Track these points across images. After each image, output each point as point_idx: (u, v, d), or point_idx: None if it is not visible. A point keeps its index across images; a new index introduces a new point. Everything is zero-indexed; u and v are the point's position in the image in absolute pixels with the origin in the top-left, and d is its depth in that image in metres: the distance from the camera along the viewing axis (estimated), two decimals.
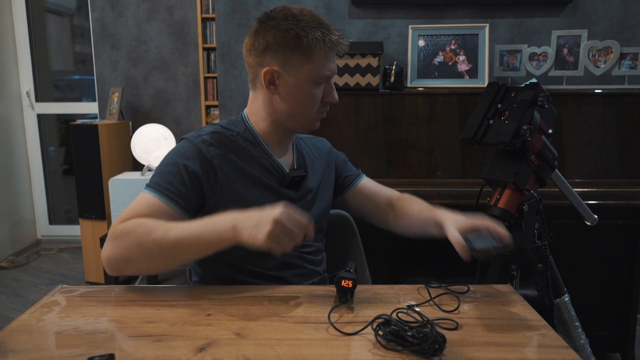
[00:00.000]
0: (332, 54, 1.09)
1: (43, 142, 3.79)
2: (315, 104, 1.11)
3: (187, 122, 3.30)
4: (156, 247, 0.93)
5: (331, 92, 1.12)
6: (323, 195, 1.25)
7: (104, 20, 3.23)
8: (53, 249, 3.73)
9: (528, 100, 1.16)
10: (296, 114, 1.11)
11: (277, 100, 1.10)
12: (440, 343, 0.76)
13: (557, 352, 0.79)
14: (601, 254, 1.99)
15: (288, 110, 1.11)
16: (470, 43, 2.23)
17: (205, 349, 0.78)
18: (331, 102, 1.13)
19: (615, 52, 2.16)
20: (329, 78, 1.11)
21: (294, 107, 1.10)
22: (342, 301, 0.95)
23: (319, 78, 1.08)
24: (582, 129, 2.05)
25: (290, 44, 1.05)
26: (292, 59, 1.06)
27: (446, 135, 2.09)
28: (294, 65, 1.06)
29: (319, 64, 1.07)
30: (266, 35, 1.06)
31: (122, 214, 1.01)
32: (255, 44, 1.08)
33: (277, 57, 1.06)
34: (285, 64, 1.07)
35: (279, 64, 1.07)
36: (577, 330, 1.31)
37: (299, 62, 1.06)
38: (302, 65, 1.06)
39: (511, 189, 1.19)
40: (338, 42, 1.07)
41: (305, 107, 1.10)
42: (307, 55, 1.05)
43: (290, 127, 1.14)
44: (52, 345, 0.81)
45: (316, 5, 2.40)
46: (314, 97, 1.10)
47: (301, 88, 1.08)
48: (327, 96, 1.12)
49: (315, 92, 1.09)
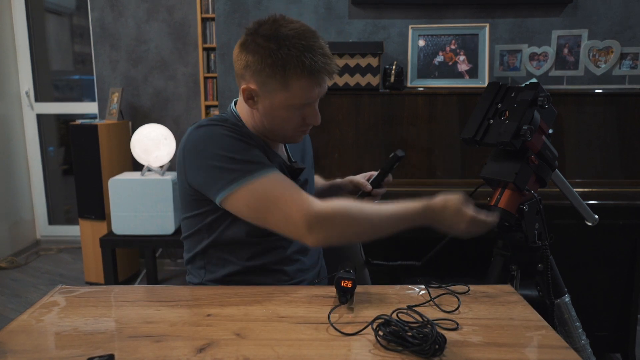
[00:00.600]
0: (316, 80, 1.03)
1: (42, 142, 3.78)
2: (292, 125, 1.09)
3: (187, 122, 3.30)
4: (368, 226, 1.04)
5: (313, 116, 1.10)
6: (312, 185, 1.30)
7: (103, 20, 3.22)
8: (52, 249, 3.72)
9: (528, 100, 1.16)
10: (274, 130, 1.11)
11: (256, 114, 1.10)
12: (440, 343, 0.76)
13: (557, 353, 0.79)
14: (602, 254, 1.99)
15: (267, 125, 1.10)
16: (471, 43, 2.23)
17: (205, 349, 0.78)
18: (313, 124, 1.12)
19: (615, 52, 2.16)
20: (308, 104, 1.07)
21: (271, 123, 1.09)
22: (342, 301, 0.94)
23: (296, 105, 1.06)
24: (583, 129, 2.05)
25: (267, 71, 1.01)
26: (269, 84, 1.03)
27: (446, 135, 2.09)
28: (270, 90, 1.04)
29: (296, 94, 1.03)
30: (247, 54, 1.04)
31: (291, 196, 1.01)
32: (240, 58, 1.06)
33: (255, 77, 1.04)
34: (263, 85, 1.04)
35: (257, 84, 1.04)
36: (578, 331, 1.30)
37: (275, 88, 1.03)
38: (278, 92, 1.04)
39: (511, 189, 1.19)
40: (322, 69, 1.02)
41: (282, 127, 1.10)
42: (284, 85, 1.02)
43: (272, 138, 1.14)
44: (52, 345, 0.81)
45: (316, 5, 2.40)
46: (292, 119, 1.08)
47: (277, 110, 1.06)
48: (308, 118, 1.10)
49: (291, 115, 1.07)
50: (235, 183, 1.00)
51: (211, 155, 1.02)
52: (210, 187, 1.03)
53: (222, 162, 1.01)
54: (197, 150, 1.04)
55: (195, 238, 1.14)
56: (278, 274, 1.14)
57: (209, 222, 1.10)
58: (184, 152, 1.08)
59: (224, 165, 1.01)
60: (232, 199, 1.01)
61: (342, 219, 1.01)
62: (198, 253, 1.15)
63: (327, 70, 1.03)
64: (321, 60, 1.01)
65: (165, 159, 2.58)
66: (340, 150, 2.11)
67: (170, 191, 2.46)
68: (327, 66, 1.03)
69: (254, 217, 1.03)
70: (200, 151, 1.04)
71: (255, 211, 1.01)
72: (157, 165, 2.58)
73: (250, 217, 1.03)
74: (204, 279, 1.15)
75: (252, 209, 1.01)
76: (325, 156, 2.10)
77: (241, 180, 1.00)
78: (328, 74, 1.05)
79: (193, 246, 1.16)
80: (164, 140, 2.58)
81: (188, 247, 1.18)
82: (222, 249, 1.12)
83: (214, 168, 1.02)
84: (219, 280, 1.13)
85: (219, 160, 1.01)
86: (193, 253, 1.16)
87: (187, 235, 1.17)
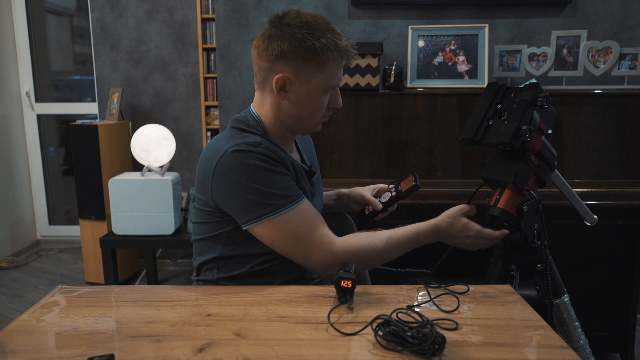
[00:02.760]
0: (342, 62, 1.12)
1: (43, 143, 3.79)
2: (322, 110, 1.16)
3: (187, 123, 3.30)
4: (380, 260, 1.14)
5: (337, 99, 1.17)
6: (320, 184, 1.34)
7: (103, 21, 3.22)
8: (53, 250, 3.73)
9: (528, 101, 1.16)
10: (303, 118, 1.15)
11: (285, 105, 1.13)
12: (440, 343, 0.77)
13: (556, 353, 0.79)
14: (601, 254, 1.99)
15: (295, 115, 1.14)
16: (470, 43, 2.23)
17: (205, 349, 0.78)
18: (336, 107, 1.18)
19: (614, 52, 2.16)
20: (337, 86, 1.16)
21: (301, 112, 1.14)
22: (341, 301, 0.95)
23: (328, 87, 1.13)
24: (582, 129, 2.05)
25: (305, 54, 1.08)
26: (306, 68, 1.09)
27: (446, 135, 2.09)
28: (306, 74, 1.09)
29: (329, 74, 1.11)
30: (282, 42, 1.08)
31: (314, 234, 1.08)
32: (269, 49, 1.09)
33: (291, 65, 1.09)
34: (298, 72, 1.09)
35: (291, 71, 1.09)
36: (577, 331, 1.31)
37: (311, 71, 1.09)
38: (315, 74, 1.10)
39: (511, 189, 1.19)
40: (347, 49, 1.10)
41: (312, 113, 1.15)
42: (320, 66, 1.09)
43: (296, 129, 1.19)
44: (52, 345, 0.81)
45: (316, 5, 2.40)
46: (322, 103, 1.14)
47: (311, 95, 1.12)
48: (332, 102, 1.17)
49: (323, 99, 1.14)
50: (264, 218, 1.05)
51: (243, 186, 1.05)
52: (238, 214, 1.08)
53: (253, 194, 1.05)
54: (228, 178, 1.07)
55: (212, 240, 1.16)
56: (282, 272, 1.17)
57: (229, 230, 1.13)
58: (213, 173, 1.08)
59: (254, 198, 1.05)
60: (258, 230, 1.08)
61: (358, 259, 1.08)
62: (213, 256, 1.16)
63: (351, 51, 1.11)
64: (347, 41, 1.11)
65: (165, 159, 2.58)
66: (340, 151, 2.11)
67: (170, 191, 2.46)
68: (350, 47, 1.11)
69: (277, 249, 1.09)
70: (231, 179, 1.06)
71: (279, 247, 1.09)
72: (157, 165, 2.58)
73: (273, 248, 1.10)
74: (216, 277, 1.17)
75: (276, 244, 1.08)
76: (325, 156, 2.11)
77: (269, 216, 1.05)
78: (352, 54, 1.12)
79: (208, 249, 1.17)
80: (164, 141, 2.58)
81: (201, 250, 1.19)
82: (239, 254, 1.15)
83: (243, 199, 1.06)
84: (232, 278, 1.15)
85: (249, 192, 1.05)
86: (207, 257, 1.17)
87: (202, 238, 1.18)
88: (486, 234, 1.14)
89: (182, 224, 2.60)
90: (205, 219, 1.15)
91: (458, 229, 1.14)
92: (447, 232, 1.14)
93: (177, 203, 2.53)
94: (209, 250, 1.16)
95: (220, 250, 1.15)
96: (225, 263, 1.15)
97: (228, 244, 1.14)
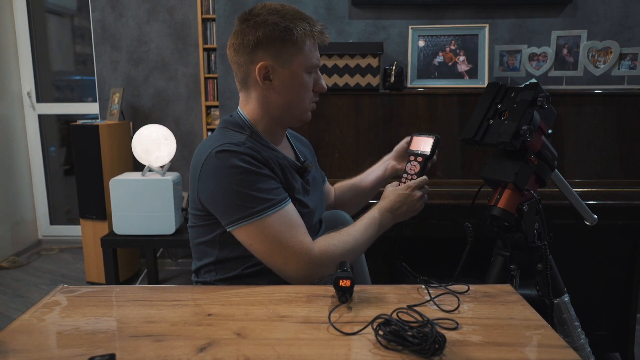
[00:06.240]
0: (316, 42, 1.14)
1: (44, 143, 3.79)
2: (309, 93, 1.16)
3: (188, 123, 3.30)
4: (352, 255, 1.14)
5: (320, 81, 1.18)
6: (319, 185, 1.33)
7: (104, 21, 3.23)
8: (54, 249, 3.73)
9: (528, 101, 1.16)
10: (291, 105, 1.15)
11: (272, 95, 1.14)
12: (440, 343, 0.77)
13: (557, 352, 0.79)
14: (601, 254, 1.99)
15: (283, 104, 1.14)
16: (470, 43, 2.23)
17: (205, 349, 0.78)
18: (321, 91, 1.19)
19: (614, 52, 2.16)
20: (317, 67, 1.16)
21: (288, 98, 1.14)
22: (341, 301, 0.95)
23: (310, 67, 1.13)
24: (582, 129, 2.05)
25: (281, 37, 1.09)
26: (284, 51, 1.10)
27: (446, 135, 2.09)
28: (286, 57, 1.10)
29: (308, 53, 1.12)
30: (256, 31, 1.09)
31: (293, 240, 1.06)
32: (245, 41, 1.10)
33: (269, 51, 1.10)
34: (277, 57, 1.10)
35: (271, 57, 1.10)
36: (577, 330, 1.31)
37: (290, 53, 1.10)
38: (294, 55, 1.11)
39: (511, 189, 1.19)
40: (322, 32, 1.13)
41: (300, 96, 1.15)
42: (298, 47, 1.10)
43: (286, 120, 1.18)
44: (53, 345, 0.82)
45: (316, 5, 2.40)
46: (307, 85, 1.15)
47: (295, 78, 1.12)
48: (316, 85, 1.17)
49: (307, 80, 1.15)
50: (244, 221, 1.05)
51: (225, 187, 1.05)
52: (222, 215, 1.08)
53: (234, 196, 1.04)
54: (212, 179, 1.07)
55: (207, 245, 1.15)
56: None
57: (220, 233, 1.12)
58: (199, 174, 1.09)
59: (235, 201, 1.04)
60: (239, 233, 1.07)
61: (331, 261, 1.08)
62: (210, 261, 1.16)
63: (325, 34, 1.14)
64: (319, 25, 1.13)
65: (165, 159, 2.59)
66: (340, 151, 2.11)
67: (171, 191, 2.46)
68: (325, 30, 1.14)
69: (256, 253, 1.09)
70: (215, 181, 1.06)
71: (257, 251, 1.08)
72: (158, 165, 2.58)
73: (252, 252, 1.09)
74: (214, 279, 1.16)
75: (254, 248, 1.08)
76: (326, 156, 2.11)
77: (249, 219, 1.04)
78: (327, 38, 1.15)
79: (204, 253, 1.17)
80: (165, 141, 2.58)
81: (199, 255, 1.19)
82: (234, 256, 1.14)
83: (227, 200, 1.05)
84: (228, 280, 1.14)
85: (231, 194, 1.04)
86: (205, 261, 1.17)
87: (198, 243, 1.17)
88: (413, 183, 1.23)
89: (182, 224, 2.61)
90: (198, 222, 1.15)
91: (401, 201, 1.21)
92: (396, 209, 1.21)
93: (178, 203, 2.54)
94: (206, 255, 1.16)
95: (217, 254, 1.14)
96: (222, 266, 1.15)
97: (223, 247, 1.13)
